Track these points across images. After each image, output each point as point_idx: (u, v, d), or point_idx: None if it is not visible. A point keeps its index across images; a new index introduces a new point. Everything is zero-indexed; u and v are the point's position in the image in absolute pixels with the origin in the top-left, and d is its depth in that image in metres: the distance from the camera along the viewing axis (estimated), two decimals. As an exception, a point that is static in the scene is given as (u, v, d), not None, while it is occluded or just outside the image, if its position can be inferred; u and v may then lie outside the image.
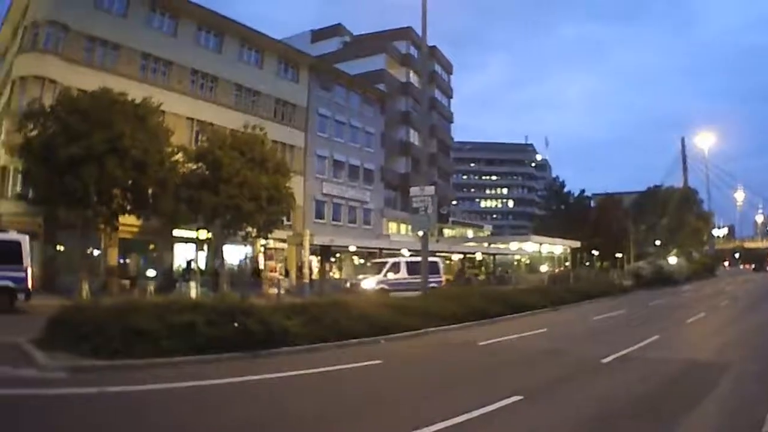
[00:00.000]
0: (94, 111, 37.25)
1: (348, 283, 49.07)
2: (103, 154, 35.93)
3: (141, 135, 38.28)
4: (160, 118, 43.52)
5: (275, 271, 50.79)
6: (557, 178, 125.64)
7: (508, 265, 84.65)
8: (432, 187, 34.54)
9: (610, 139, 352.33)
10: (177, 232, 49.55)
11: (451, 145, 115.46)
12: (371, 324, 22.69)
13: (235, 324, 17.99)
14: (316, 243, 56.08)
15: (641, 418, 11.72)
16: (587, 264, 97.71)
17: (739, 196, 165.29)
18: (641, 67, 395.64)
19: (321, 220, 67.47)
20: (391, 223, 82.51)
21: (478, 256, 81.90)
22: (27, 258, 29.76)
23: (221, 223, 45.13)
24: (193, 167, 44.94)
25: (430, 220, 34.27)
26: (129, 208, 40.37)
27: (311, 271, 55.18)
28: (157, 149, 39.76)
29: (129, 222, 43.47)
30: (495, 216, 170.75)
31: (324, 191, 68.96)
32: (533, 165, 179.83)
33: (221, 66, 58.29)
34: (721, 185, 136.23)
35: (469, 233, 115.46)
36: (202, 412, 11.68)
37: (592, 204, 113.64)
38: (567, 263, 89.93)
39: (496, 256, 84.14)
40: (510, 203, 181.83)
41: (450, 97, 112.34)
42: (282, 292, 42.96)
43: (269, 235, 50.23)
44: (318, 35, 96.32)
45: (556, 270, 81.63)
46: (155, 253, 50.57)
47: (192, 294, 38.29)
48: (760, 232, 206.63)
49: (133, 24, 51.72)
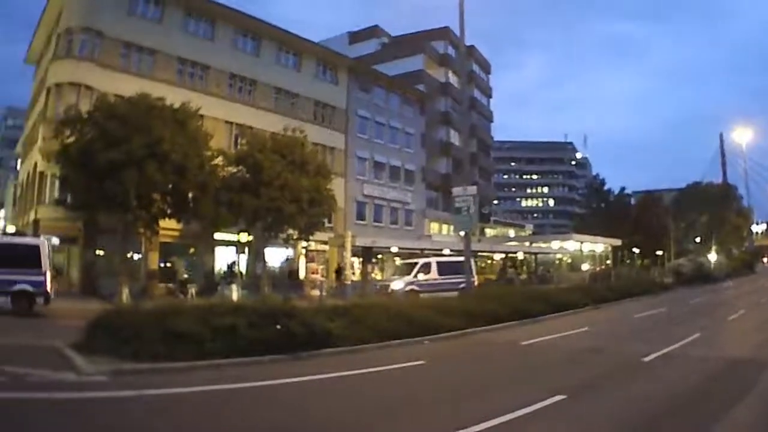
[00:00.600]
0: (132, 116, 37.10)
1: (377, 285, 48.18)
2: (142, 159, 35.70)
3: (180, 139, 38.03)
4: (199, 123, 43.14)
5: (317, 273, 50.25)
6: (597, 176, 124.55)
7: (549, 264, 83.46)
8: (474, 187, 34.14)
9: (648, 136, 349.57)
10: (218, 236, 49.12)
11: (492, 145, 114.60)
12: (414, 325, 22.35)
13: (278, 326, 17.73)
14: (357, 244, 55.65)
15: (682, 416, 11.73)
16: (628, 262, 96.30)
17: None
18: (678, 63, 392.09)
19: (362, 222, 66.81)
20: (432, 223, 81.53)
21: (520, 256, 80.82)
22: (46, 262, 29.24)
23: (262, 226, 44.80)
24: (233, 170, 44.66)
25: (472, 220, 33.75)
26: (169, 212, 40.33)
27: (353, 273, 54.62)
28: (196, 153, 39.48)
29: (169, 226, 43.19)
30: (536, 215, 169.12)
31: (365, 192, 68.21)
32: (573, 163, 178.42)
33: (259, 69, 57.81)
34: (760, 181, 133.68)
35: (511, 233, 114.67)
36: (242, 414, 11.48)
37: (632, 202, 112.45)
38: (608, 261, 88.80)
39: (538, 256, 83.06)
40: (551, 202, 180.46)
41: (489, 96, 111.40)
42: (324, 293, 42.50)
43: (311, 238, 49.84)
44: (355, 37, 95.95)
45: (597, 268, 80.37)
46: (196, 257, 50.26)
47: (233, 297, 37.76)
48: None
49: (169, 29, 51.58)
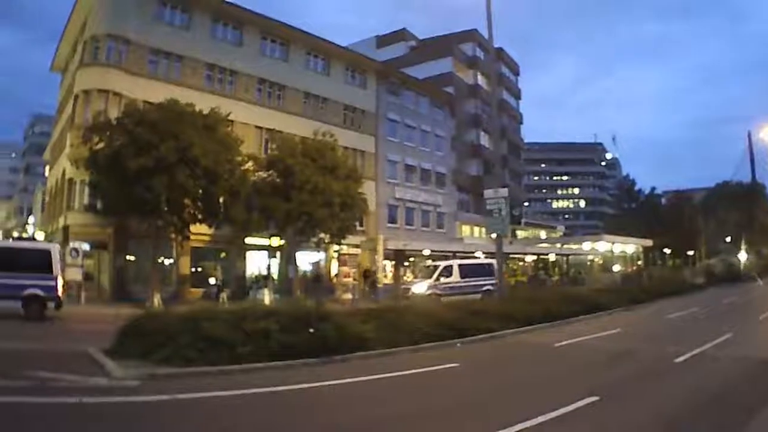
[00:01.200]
0: (161, 122, 37.13)
1: (398, 289, 47.54)
2: (173, 165, 35.86)
3: (210, 145, 38.02)
4: (229, 128, 43.10)
5: (349, 277, 49.75)
6: (627, 176, 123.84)
7: (581, 266, 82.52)
8: (505, 189, 33.83)
9: (678, 134, 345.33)
10: (249, 240, 48.65)
11: (522, 147, 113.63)
12: (447, 327, 22.00)
13: (310, 330, 17.53)
14: (389, 248, 55.38)
15: (716, 417, 11.56)
16: (659, 262, 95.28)
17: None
18: (705, 62, 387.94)
19: (394, 225, 66.29)
20: (464, 226, 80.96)
21: (552, 257, 79.91)
22: (57, 267, 29.24)
23: (294, 230, 44.29)
24: (264, 175, 44.64)
25: (504, 222, 33.12)
26: (200, 217, 40.24)
27: (385, 276, 54.19)
28: (226, 158, 39.51)
29: (201, 230, 43.07)
30: (567, 216, 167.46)
31: (396, 196, 67.61)
32: (603, 164, 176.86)
33: (288, 74, 57.48)
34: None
35: (542, 234, 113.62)
36: (274, 418, 11.54)
37: (662, 201, 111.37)
38: (639, 262, 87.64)
39: (569, 257, 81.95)
40: (582, 203, 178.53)
41: (518, 98, 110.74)
42: (356, 297, 42.02)
43: (342, 241, 49.57)
44: (383, 41, 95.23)
45: (629, 269, 79.61)
46: (227, 261, 49.91)
47: (266, 301, 37.73)
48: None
49: (197, 35, 51.53)
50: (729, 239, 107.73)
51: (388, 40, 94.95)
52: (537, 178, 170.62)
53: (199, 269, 48.01)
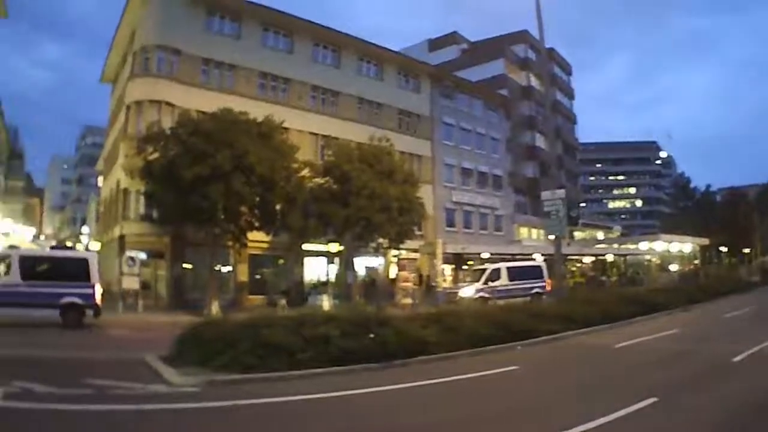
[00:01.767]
0: (216, 131, 37.02)
1: (446, 293, 46.94)
2: (228, 173, 35.70)
3: (266, 152, 37.74)
4: (284, 135, 42.58)
5: (408, 281, 49.19)
6: (682, 174, 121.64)
7: (639, 266, 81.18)
8: (562, 190, 33.36)
9: (732, 130, 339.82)
10: (307, 246, 48.20)
11: (577, 147, 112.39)
12: (507, 330, 21.84)
13: (371, 335, 17.56)
14: (448, 251, 54.72)
15: None
16: (715, 261, 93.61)
17: None
18: (758, 55, 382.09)
19: (452, 229, 65.35)
20: (522, 228, 79.86)
21: (609, 258, 78.46)
22: (95, 275, 29.32)
23: (352, 236, 44.06)
24: (321, 182, 44.24)
25: (562, 224, 32.41)
26: (257, 224, 40.15)
27: (444, 280, 53.50)
28: (282, 165, 39.11)
29: (258, 238, 42.73)
30: (624, 216, 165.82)
31: (454, 199, 66.74)
32: (658, 162, 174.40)
33: (341, 80, 56.98)
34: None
35: (600, 235, 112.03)
36: (335, 422, 11.52)
37: (717, 199, 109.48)
38: (696, 261, 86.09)
39: (627, 257, 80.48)
40: (638, 202, 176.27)
41: (571, 98, 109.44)
42: (416, 301, 41.45)
43: (401, 246, 48.99)
44: (435, 44, 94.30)
45: (686, 269, 78.27)
46: (286, 268, 49.65)
47: (325, 306, 37.13)
48: None
49: (248, 44, 51.36)
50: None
51: (440, 43, 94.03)
52: (593, 179, 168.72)
53: (257, 276, 47.81)
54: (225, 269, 46.48)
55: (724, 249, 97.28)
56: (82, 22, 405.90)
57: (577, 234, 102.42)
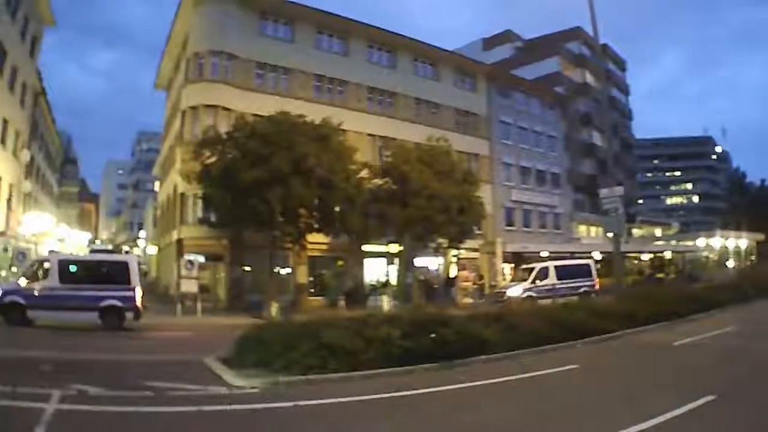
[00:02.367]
0: (273, 134, 37.03)
1: (493, 293, 46.61)
2: (287, 176, 35.61)
3: (324, 154, 37.67)
4: (342, 137, 42.16)
5: (469, 281, 48.40)
6: (737, 169, 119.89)
7: (696, 263, 79.73)
8: (620, 188, 32.23)
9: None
10: (366, 247, 47.91)
11: (634, 143, 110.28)
12: (566, 329, 21.36)
13: (432, 335, 17.18)
14: (507, 250, 54.29)
15: None
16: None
17: None
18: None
19: (512, 228, 64.40)
20: (581, 226, 78.40)
21: (667, 255, 76.99)
22: (135, 278, 29.15)
23: (411, 236, 43.24)
24: (380, 183, 43.98)
25: (620, 221, 31.57)
26: (316, 226, 40.03)
27: (504, 279, 52.84)
28: (341, 167, 39.06)
29: (317, 240, 42.86)
30: (680, 213, 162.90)
31: (513, 198, 65.85)
32: (714, 158, 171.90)
33: (397, 81, 56.33)
34: None
35: (657, 232, 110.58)
36: (397, 423, 11.44)
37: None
38: (752, 257, 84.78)
39: (685, 254, 78.82)
40: (695, 198, 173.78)
41: (626, 94, 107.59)
42: (479, 300, 40.89)
43: (461, 245, 48.55)
44: (489, 43, 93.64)
45: (742, 265, 76.74)
46: (346, 269, 49.22)
47: (385, 307, 37.18)
48: None
49: (302, 48, 51.22)
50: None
51: (495, 42, 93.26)
52: (650, 175, 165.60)
53: (317, 278, 47.67)
54: (284, 271, 46.07)
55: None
56: (133, 29, 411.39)
57: (635, 231, 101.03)
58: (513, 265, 57.29)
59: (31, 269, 29.61)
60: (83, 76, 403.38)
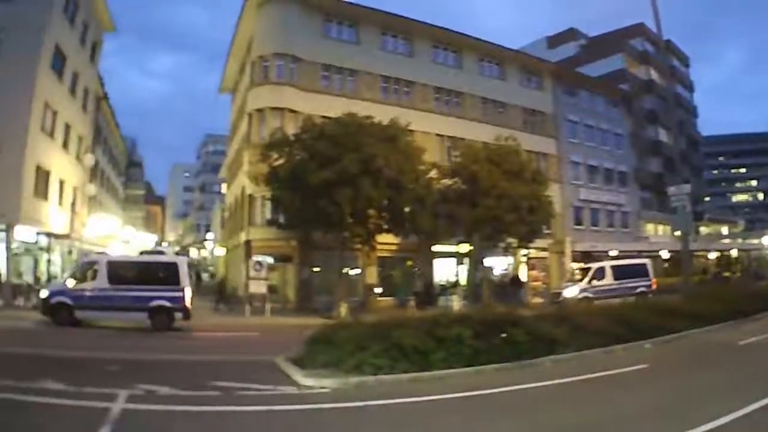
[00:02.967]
0: (342, 135, 36.80)
1: (549, 293, 46.27)
2: (356, 177, 35.37)
3: (393, 155, 37.16)
4: (410, 137, 41.54)
5: (538, 281, 47.75)
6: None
7: (761, 261, 77.89)
8: (688, 185, 31.56)
9: None
10: (436, 247, 47.36)
11: (700, 140, 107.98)
12: (634, 328, 21.22)
13: (503, 335, 17.38)
14: (576, 249, 53.66)
15: None
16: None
17: None
18: None
19: (580, 227, 63.14)
20: (648, 224, 76.67)
21: (734, 253, 75.51)
22: (185, 279, 29.28)
23: (481, 236, 42.51)
24: (449, 183, 43.39)
25: (688, 219, 30.95)
26: (385, 227, 39.89)
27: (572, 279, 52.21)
28: (410, 168, 38.60)
29: (387, 240, 42.42)
30: (747, 210, 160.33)
31: (581, 197, 64.71)
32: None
33: (463, 81, 55.50)
34: None
35: (724, 230, 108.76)
36: (469, 422, 11.41)
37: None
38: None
39: (751, 252, 77.09)
40: (760, 195, 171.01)
41: (691, 90, 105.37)
42: (547, 300, 42.21)
43: (530, 245, 47.90)
44: (554, 41, 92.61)
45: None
46: (417, 269, 48.57)
47: (455, 307, 36.92)
48: None
49: (367, 49, 51.00)
50: None
51: (559, 40, 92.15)
52: (716, 172, 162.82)
53: (386, 278, 47.23)
54: (353, 272, 45.68)
55: None
56: (193, 33, 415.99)
57: (702, 229, 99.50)
58: (582, 264, 56.73)
59: (80, 270, 30.05)
60: (145, 80, 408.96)
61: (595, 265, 44.10)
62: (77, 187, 49.07)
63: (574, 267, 52.94)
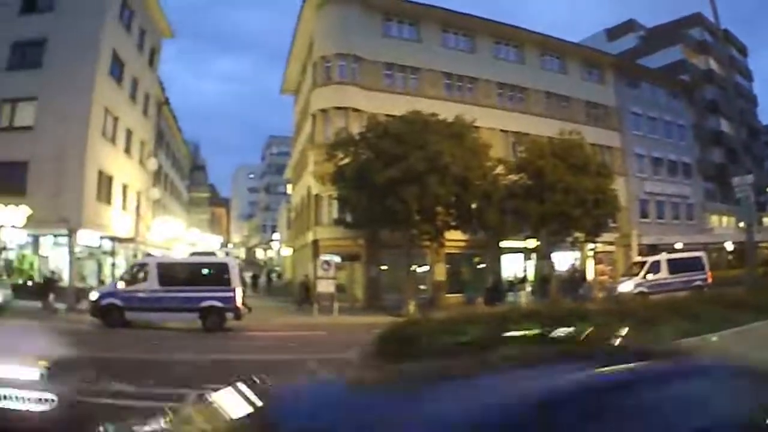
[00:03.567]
0: (407, 134, 36.34)
1: (603, 288, 45.23)
2: (422, 174, 34.78)
3: (459, 152, 36.53)
4: (475, 134, 40.83)
5: (605, 275, 46.89)
6: None
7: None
8: (750, 176, 29.95)
9: None
10: (503, 243, 46.52)
11: (761, 130, 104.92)
12: (699, 322, 18.25)
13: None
14: (642, 243, 52.59)
15: None
16: None
17: None
18: None
19: (646, 220, 61.74)
20: (712, 216, 74.92)
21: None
22: (235, 279, 29.42)
23: (548, 231, 41.94)
24: (515, 178, 42.52)
25: (752, 210, 29.84)
26: (453, 223, 39.25)
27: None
28: (476, 164, 37.90)
29: (454, 237, 41.77)
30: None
31: (646, 190, 63.32)
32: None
33: (526, 76, 54.61)
34: None
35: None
36: None
37: None
38: None
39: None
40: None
41: (750, 80, 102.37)
42: (612, 295, 40.09)
43: (596, 239, 46.78)
44: (613, 33, 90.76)
45: None
46: (486, 265, 47.95)
47: (523, 303, 36.23)
48: None
49: (428, 47, 50.51)
50: None
51: (618, 32, 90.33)
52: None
53: (455, 275, 46.58)
54: (421, 269, 45.14)
55: None
56: (253, 36, 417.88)
57: (766, 220, 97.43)
58: (638, 258, 55.86)
59: (130, 272, 30.34)
60: (206, 83, 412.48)
61: (651, 259, 42.73)
62: (141, 191, 49.48)
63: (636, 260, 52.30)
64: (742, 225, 32.63)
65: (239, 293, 29.09)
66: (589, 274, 52.36)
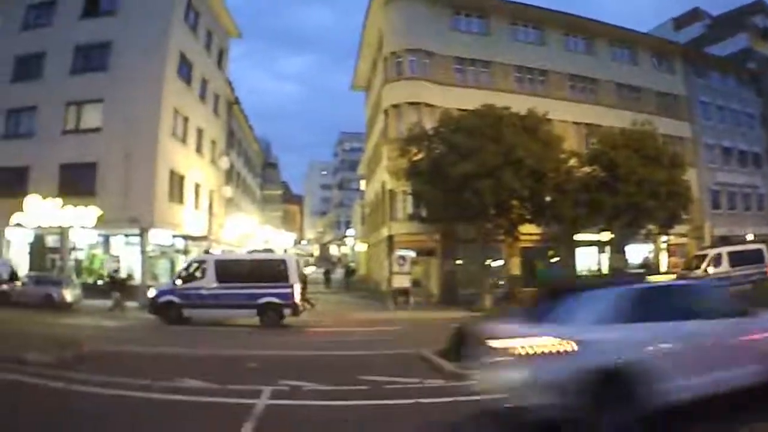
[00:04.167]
0: (480, 127, 35.84)
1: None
2: (497, 168, 34.24)
3: (533, 145, 35.98)
4: (548, 127, 40.12)
5: (677, 267, 46.00)
6: None
7: None
8: None
9: None
10: (577, 236, 45.28)
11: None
12: None
13: None
14: (715, 234, 51.83)
15: None
16: None
17: None
18: None
19: (717, 211, 60.04)
20: (783, 207, 72.96)
21: None
22: (293, 275, 29.04)
23: (621, 223, 40.96)
24: (588, 170, 41.47)
25: None
26: (528, 217, 38.75)
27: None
28: (550, 157, 37.17)
29: (529, 230, 41.14)
30: None
31: (718, 180, 61.41)
32: None
33: (596, 67, 53.54)
34: None
35: None
36: None
37: None
38: None
39: None
40: None
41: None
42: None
43: (669, 231, 45.82)
44: (679, 23, 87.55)
45: None
46: (559, 259, 47.17)
47: None
48: None
49: (498, 40, 49.88)
50: None
51: (684, 21, 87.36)
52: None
53: (530, 268, 45.59)
54: (496, 263, 44.27)
55: None
56: (320, 33, 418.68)
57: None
58: (700, 251, 54.65)
59: (188, 270, 30.42)
60: (275, 82, 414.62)
61: (712, 252, 40.94)
62: (213, 189, 49.78)
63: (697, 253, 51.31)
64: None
65: (297, 289, 28.93)
66: (662, 266, 51.00)
